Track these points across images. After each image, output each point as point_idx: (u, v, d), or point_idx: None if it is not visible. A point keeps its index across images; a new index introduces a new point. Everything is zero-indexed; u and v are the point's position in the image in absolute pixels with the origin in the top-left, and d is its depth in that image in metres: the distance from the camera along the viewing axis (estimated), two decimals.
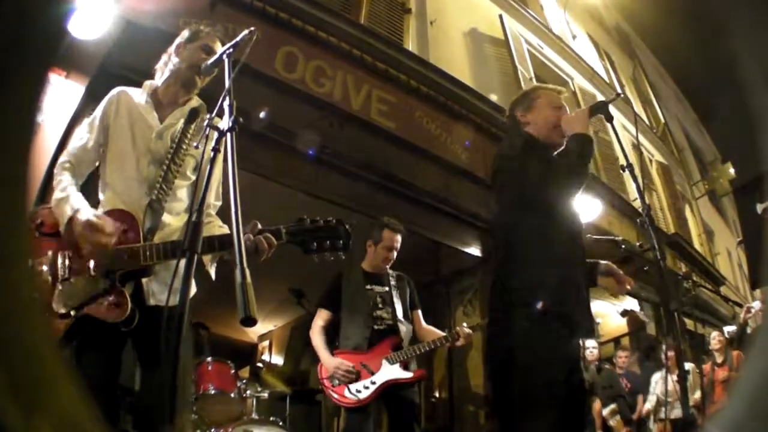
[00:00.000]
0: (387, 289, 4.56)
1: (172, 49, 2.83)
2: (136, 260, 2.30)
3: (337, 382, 4.22)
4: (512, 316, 2.59)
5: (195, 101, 2.80)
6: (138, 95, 2.75)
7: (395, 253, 4.61)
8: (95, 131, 2.65)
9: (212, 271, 2.57)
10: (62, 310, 2.22)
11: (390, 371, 4.24)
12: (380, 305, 4.47)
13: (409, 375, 4.28)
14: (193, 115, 2.70)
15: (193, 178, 2.68)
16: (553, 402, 2.40)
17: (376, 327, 4.37)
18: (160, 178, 2.53)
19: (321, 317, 4.59)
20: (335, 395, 4.23)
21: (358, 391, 4.18)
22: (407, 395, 4.31)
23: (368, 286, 4.52)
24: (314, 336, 4.52)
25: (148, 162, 2.58)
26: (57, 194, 2.45)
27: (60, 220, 2.35)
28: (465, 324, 4.57)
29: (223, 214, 2.60)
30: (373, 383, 4.20)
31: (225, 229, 2.55)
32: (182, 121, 2.69)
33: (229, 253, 2.38)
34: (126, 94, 2.74)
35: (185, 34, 2.83)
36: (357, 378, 4.21)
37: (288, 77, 5.88)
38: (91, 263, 2.28)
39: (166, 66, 2.81)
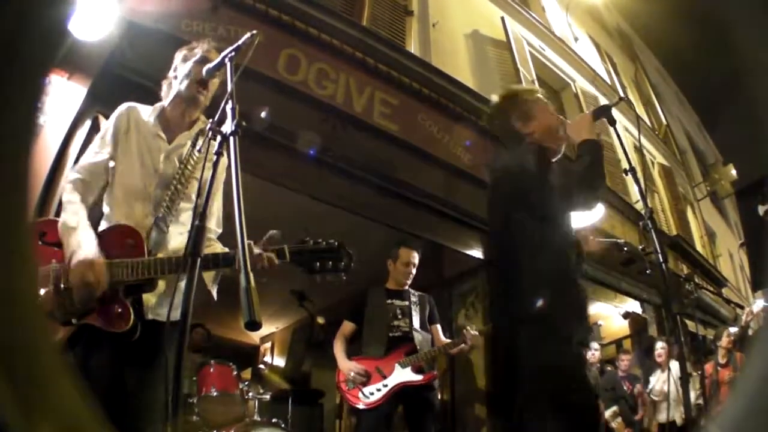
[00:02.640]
0: (407, 303, 4.85)
1: (171, 73, 2.84)
2: (139, 274, 2.32)
3: (351, 385, 4.51)
4: (514, 323, 2.58)
5: (202, 122, 2.80)
6: (147, 114, 2.75)
7: (413, 269, 4.96)
8: (108, 146, 2.65)
9: (214, 291, 2.60)
10: (64, 319, 2.25)
11: (401, 374, 4.50)
12: (399, 316, 4.77)
13: (419, 378, 4.52)
14: (198, 138, 2.70)
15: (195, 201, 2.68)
16: (561, 410, 2.38)
17: (391, 335, 4.67)
18: (167, 198, 2.55)
19: (344, 328, 4.91)
20: (350, 397, 4.53)
21: (371, 394, 4.46)
22: (425, 397, 4.58)
23: (389, 300, 4.83)
24: (335, 344, 4.81)
25: (155, 183, 2.60)
26: (66, 218, 2.44)
27: (65, 248, 2.36)
28: (470, 327, 4.73)
29: (228, 221, 2.60)
30: (385, 386, 4.47)
31: (227, 251, 2.57)
32: (189, 143, 2.69)
33: (231, 269, 2.43)
34: (136, 111, 2.74)
35: (182, 53, 2.84)
36: (368, 379, 4.49)
37: (290, 79, 5.88)
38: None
39: (169, 89, 2.82)
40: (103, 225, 2.54)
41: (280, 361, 11.68)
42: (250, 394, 4.96)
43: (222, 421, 4.61)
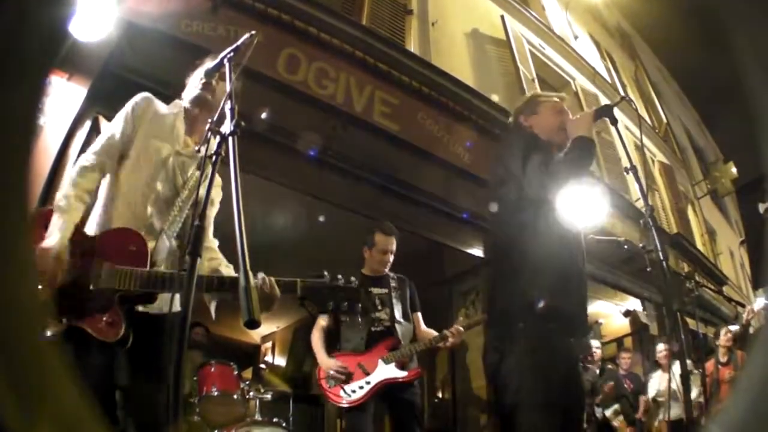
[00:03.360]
0: (386, 291, 4.61)
1: (184, 93, 2.80)
2: (138, 285, 2.25)
3: (333, 382, 4.32)
4: (512, 317, 2.59)
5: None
6: (166, 109, 2.73)
7: (391, 256, 4.68)
8: (123, 131, 2.59)
9: (212, 309, 2.54)
10: (56, 319, 2.17)
11: (385, 371, 4.32)
12: (379, 307, 4.52)
13: (404, 374, 4.35)
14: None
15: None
16: (553, 402, 2.40)
17: (373, 329, 4.44)
18: (176, 209, 2.51)
19: (322, 321, 4.62)
20: (332, 395, 4.33)
21: (353, 391, 4.27)
22: (407, 396, 4.38)
23: (368, 289, 4.54)
24: (313, 339, 4.57)
25: (166, 186, 2.55)
26: (61, 200, 2.37)
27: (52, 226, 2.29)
28: (457, 323, 4.59)
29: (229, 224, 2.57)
30: (368, 383, 4.29)
31: (231, 270, 2.50)
32: (196, 163, 2.63)
33: (232, 295, 2.32)
34: (153, 104, 2.70)
35: (193, 73, 2.82)
36: (349, 377, 4.30)
37: (290, 79, 5.88)
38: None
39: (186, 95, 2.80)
40: (99, 211, 2.49)
41: (281, 361, 11.68)
42: (251, 393, 4.96)
43: (223, 421, 4.61)
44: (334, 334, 4.60)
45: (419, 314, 4.79)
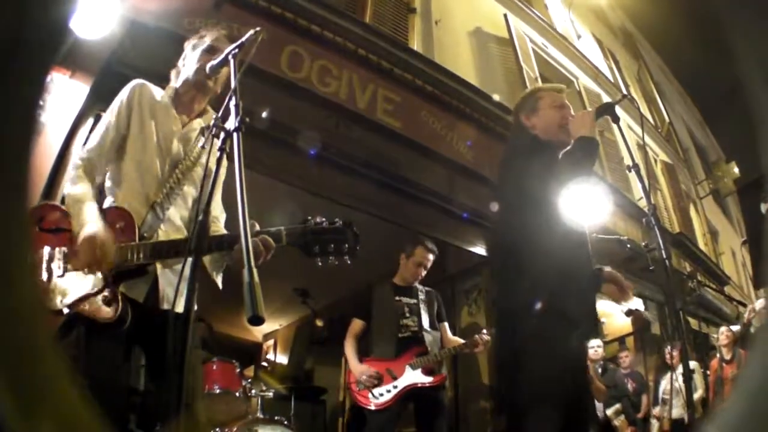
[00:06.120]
0: (415, 301, 4.83)
1: (180, 62, 2.81)
2: (126, 258, 2.26)
3: (362, 386, 4.52)
4: (516, 317, 2.59)
5: (210, 115, 2.75)
6: (159, 94, 2.72)
7: (424, 270, 4.90)
8: (120, 122, 2.59)
9: (219, 280, 2.54)
10: (55, 307, 2.18)
11: (412, 376, 4.52)
12: (407, 314, 4.74)
13: (429, 379, 4.55)
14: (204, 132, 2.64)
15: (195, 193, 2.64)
16: (558, 402, 2.40)
17: (401, 335, 4.66)
18: (173, 183, 2.51)
19: (354, 327, 4.87)
20: (360, 398, 4.55)
21: (381, 395, 4.48)
22: (435, 397, 4.62)
23: (397, 298, 4.80)
24: (346, 344, 4.79)
25: (167, 163, 2.56)
26: (73, 190, 2.40)
27: (74, 220, 2.30)
28: (484, 331, 4.73)
29: (231, 216, 2.56)
30: (395, 387, 4.50)
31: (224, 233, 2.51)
32: (198, 131, 2.64)
33: (228, 254, 2.37)
34: (148, 88, 2.70)
35: (191, 42, 2.82)
36: (380, 382, 4.49)
37: (293, 77, 5.88)
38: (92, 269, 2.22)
39: (177, 77, 2.79)
40: (109, 200, 2.49)
41: (283, 359, 11.68)
42: (253, 391, 4.96)
43: (225, 419, 4.61)
44: (366, 339, 4.84)
45: (446, 324, 5.01)
